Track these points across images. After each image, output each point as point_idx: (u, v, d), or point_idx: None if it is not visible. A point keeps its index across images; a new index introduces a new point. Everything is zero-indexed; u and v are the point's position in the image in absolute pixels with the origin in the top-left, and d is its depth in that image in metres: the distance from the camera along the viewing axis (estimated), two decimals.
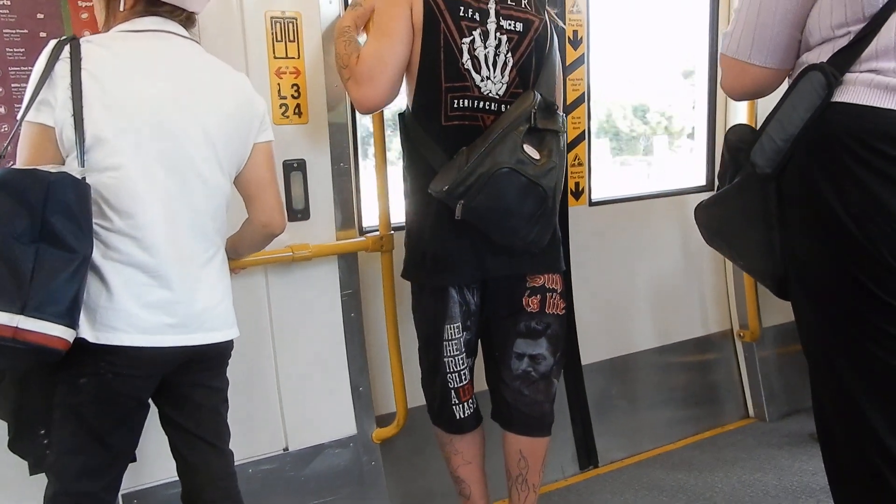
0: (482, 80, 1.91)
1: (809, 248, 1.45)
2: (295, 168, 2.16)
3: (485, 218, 1.85)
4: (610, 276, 3.00)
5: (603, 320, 2.98)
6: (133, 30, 1.54)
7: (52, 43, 1.45)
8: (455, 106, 1.90)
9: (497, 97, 1.93)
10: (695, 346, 3.26)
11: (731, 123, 3.12)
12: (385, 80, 1.88)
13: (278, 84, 2.11)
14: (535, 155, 1.84)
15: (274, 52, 2.10)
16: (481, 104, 1.92)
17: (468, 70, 1.89)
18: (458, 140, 1.88)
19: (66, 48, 1.44)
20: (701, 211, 1.73)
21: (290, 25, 2.11)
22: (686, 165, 3.56)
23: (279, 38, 2.09)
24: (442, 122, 1.91)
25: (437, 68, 1.87)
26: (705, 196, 1.74)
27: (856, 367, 1.41)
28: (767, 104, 1.53)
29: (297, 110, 2.15)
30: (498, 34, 1.91)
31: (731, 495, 2.61)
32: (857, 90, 1.35)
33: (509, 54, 1.93)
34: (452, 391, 2.07)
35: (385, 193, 2.30)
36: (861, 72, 1.35)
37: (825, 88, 1.37)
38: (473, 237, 1.92)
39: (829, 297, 1.44)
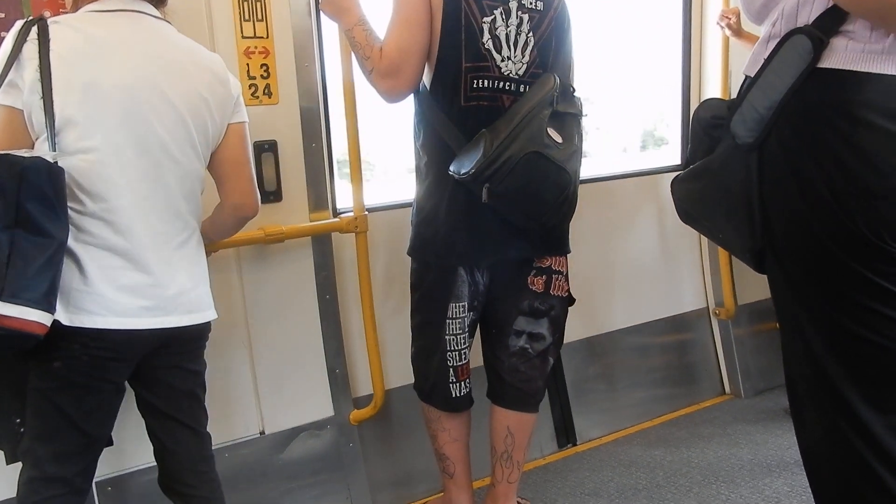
0: (503, 61, 1.88)
1: (788, 220, 1.41)
2: (266, 149, 2.13)
3: (511, 201, 1.84)
4: (586, 255, 2.99)
5: (580, 300, 2.95)
6: (103, 9, 1.51)
7: (19, 23, 1.43)
8: (475, 86, 1.87)
9: (517, 77, 1.90)
10: (671, 325, 3.28)
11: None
12: (410, 71, 1.85)
13: (247, 64, 2.08)
14: (558, 139, 1.83)
15: (242, 32, 2.07)
16: (501, 84, 1.89)
17: (489, 50, 1.86)
18: (478, 121, 1.86)
19: (34, 29, 1.41)
20: (677, 185, 1.68)
21: (259, 4, 2.07)
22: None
23: (247, 18, 2.06)
24: (461, 102, 1.88)
25: (458, 48, 1.84)
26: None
27: (829, 341, 1.40)
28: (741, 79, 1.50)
29: (266, 91, 2.12)
30: (519, 13, 1.88)
31: (707, 470, 2.63)
32: (836, 55, 1.30)
33: (530, 33, 1.90)
34: (451, 369, 2.07)
35: (359, 174, 2.28)
36: (838, 34, 1.30)
37: (810, 53, 1.31)
38: (488, 220, 1.91)
39: (805, 270, 1.41)
